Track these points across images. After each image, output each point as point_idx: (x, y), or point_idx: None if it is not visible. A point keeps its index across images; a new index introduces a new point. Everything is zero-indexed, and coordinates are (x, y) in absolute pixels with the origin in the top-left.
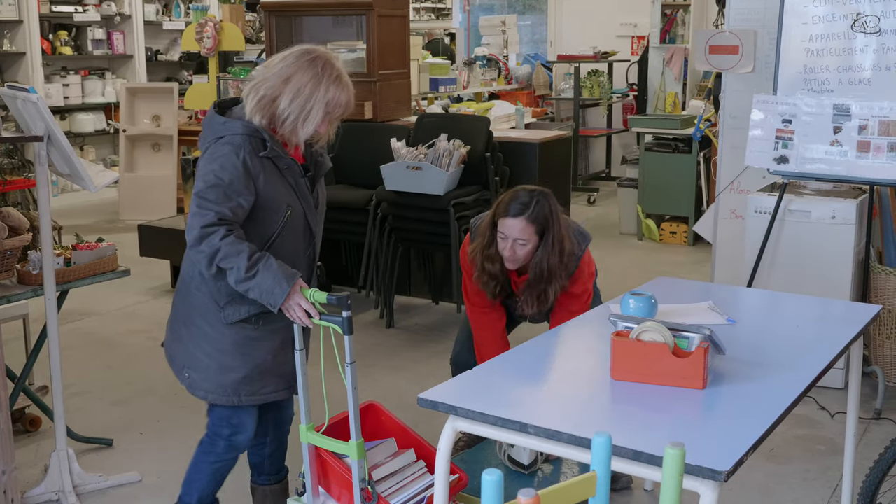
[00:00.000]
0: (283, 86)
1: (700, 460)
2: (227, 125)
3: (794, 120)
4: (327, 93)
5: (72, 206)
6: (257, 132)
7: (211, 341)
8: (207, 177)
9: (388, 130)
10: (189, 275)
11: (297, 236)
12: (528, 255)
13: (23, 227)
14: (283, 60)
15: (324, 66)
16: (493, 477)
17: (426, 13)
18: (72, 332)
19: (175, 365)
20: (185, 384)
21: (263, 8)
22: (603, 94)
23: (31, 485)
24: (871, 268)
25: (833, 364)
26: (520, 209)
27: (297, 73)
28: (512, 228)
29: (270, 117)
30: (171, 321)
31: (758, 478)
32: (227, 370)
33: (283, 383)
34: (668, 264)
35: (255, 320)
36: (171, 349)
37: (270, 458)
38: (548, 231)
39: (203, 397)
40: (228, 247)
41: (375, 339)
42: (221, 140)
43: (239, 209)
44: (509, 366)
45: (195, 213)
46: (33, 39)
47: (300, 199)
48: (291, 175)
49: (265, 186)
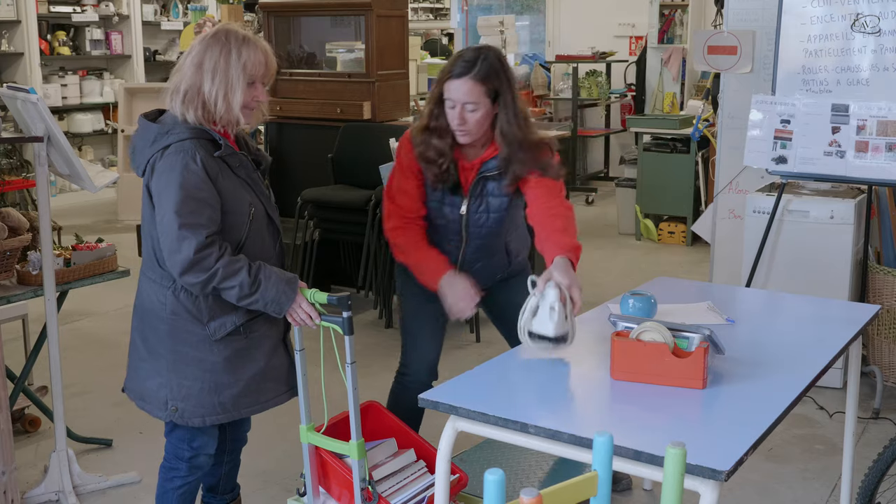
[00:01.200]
0: (199, 72)
1: (700, 460)
2: (171, 133)
3: (792, 120)
4: (240, 57)
5: (71, 207)
6: (204, 132)
7: (199, 364)
8: (173, 193)
9: (386, 130)
10: (157, 303)
11: (263, 234)
12: (479, 122)
13: (22, 228)
14: (188, 54)
15: (227, 36)
16: (495, 476)
17: (424, 13)
18: (71, 332)
19: (151, 403)
20: (173, 418)
21: (262, 8)
22: (601, 95)
23: (31, 485)
24: (870, 268)
25: (832, 364)
26: (465, 67)
27: (205, 54)
28: (458, 91)
29: (202, 108)
30: (135, 360)
31: (757, 477)
32: (222, 388)
33: (282, 387)
34: (667, 264)
35: (242, 330)
36: (143, 388)
37: (226, 478)
38: (501, 92)
39: (200, 423)
40: (226, 268)
41: (374, 339)
42: (169, 150)
43: (216, 216)
44: (510, 366)
45: (180, 237)
46: (31, 40)
47: (258, 195)
48: (245, 171)
49: (225, 189)
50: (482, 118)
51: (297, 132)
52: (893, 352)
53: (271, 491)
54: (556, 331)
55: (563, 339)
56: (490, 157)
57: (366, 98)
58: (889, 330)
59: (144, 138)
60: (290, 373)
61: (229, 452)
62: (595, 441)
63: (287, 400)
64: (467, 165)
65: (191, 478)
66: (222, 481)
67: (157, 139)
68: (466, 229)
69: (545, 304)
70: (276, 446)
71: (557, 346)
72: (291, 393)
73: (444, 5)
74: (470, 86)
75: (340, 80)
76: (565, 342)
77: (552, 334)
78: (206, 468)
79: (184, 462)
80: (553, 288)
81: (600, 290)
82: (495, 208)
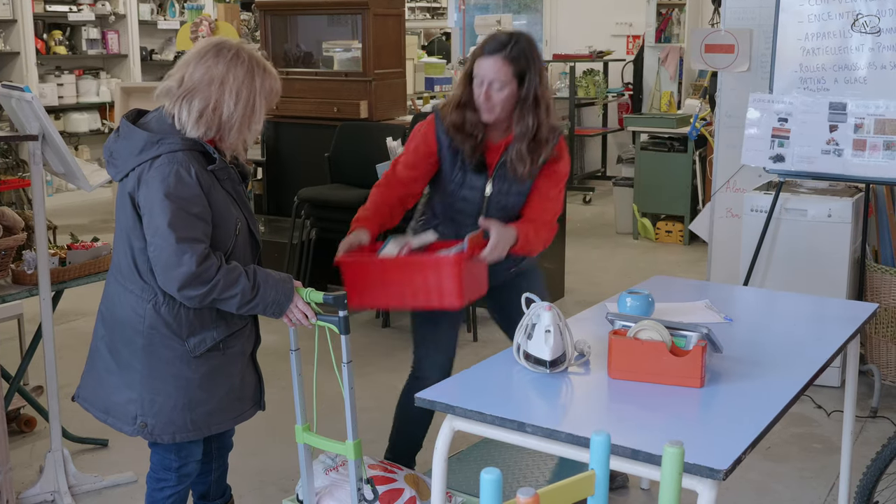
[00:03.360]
0: (220, 91)
1: (698, 459)
2: (162, 143)
3: (790, 118)
4: (263, 85)
5: (66, 206)
6: (197, 144)
7: (174, 380)
8: (168, 207)
9: (383, 130)
10: (135, 316)
11: (245, 249)
12: (504, 102)
13: (17, 227)
14: (201, 62)
15: (250, 59)
16: (491, 476)
17: (421, 12)
18: (67, 332)
19: (117, 416)
20: (140, 434)
21: (258, 7)
22: (598, 94)
23: (27, 485)
24: (868, 266)
25: (830, 362)
26: (497, 46)
27: (228, 73)
28: (488, 69)
29: (216, 128)
30: (100, 370)
31: (754, 476)
32: (195, 405)
33: (249, 403)
34: (664, 263)
35: (221, 346)
36: (108, 401)
37: (217, 483)
38: (527, 74)
39: (170, 440)
40: (226, 277)
41: (371, 338)
42: (159, 161)
43: (208, 230)
44: (507, 365)
45: (179, 252)
46: (27, 39)
47: (242, 208)
48: (231, 184)
49: (216, 202)
50: (507, 98)
51: (293, 131)
52: (891, 350)
53: (267, 491)
54: (552, 354)
55: (559, 363)
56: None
57: (362, 97)
58: (887, 328)
59: (130, 146)
60: (258, 389)
61: (216, 459)
62: (592, 440)
63: (253, 415)
64: (493, 146)
65: (180, 486)
66: (212, 487)
67: (145, 148)
68: (487, 210)
69: (540, 327)
70: (270, 446)
71: (554, 368)
72: (256, 408)
73: (441, 4)
74: (500, 64)
75: (337, 79)
76: (562, 364)
77: (548, 358)
78: (194, 475)
79: (172, 472)
80: (547, 310)
81: (598, 289)
82: (518, 190)
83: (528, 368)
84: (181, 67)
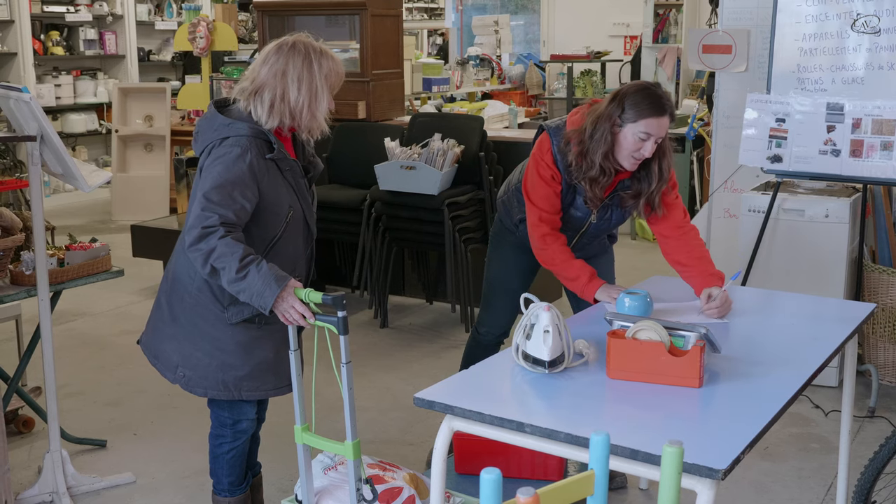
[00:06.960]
0: (284, 81)
1: (697, 458)
2: (232, 126)
3: (787, 119)
4: (321, 67)
5: (64, 207)
6: (262, 134)
7: (212, 341)
8: (214, 178)
9: (381, 130)
10: (187, 276)
11: (297, 237)
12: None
13: (15, 228)
14: (265, 62)
15: (306, 47)
16: (491, 476)
17: (419, 13)
18: (65, 332)
19: (163, 363)
20: (179, 382)
21: (256, 7)
22: (596, 94)
23: (25, 486)
24: (865, 266)
25: (828, 362)
26: (669, 106)
27: (288, 64)
28: (663, 128)
29: (289, 115)
30: (157, 320)
31: (752, 476)
32: (228, 368)
33: (285, 380)
34: (662, 263)
35: (258, 320)
36: (159, 348)
37: (249, 454)
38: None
39: (202, 394)
40: (224, 247)
41: (369, 339)
42: (227, 141)
43: (242, 212)
44: (505, 365)
45: (198, 215)
46: (25, 39)
47: (300, 199)
48: (293, 176)
49: (269, 188)
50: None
51: None
52: (889, 350)
53: (266, 491)
54: (550, 355)
55: (558, 363)
56: (627, 177)
57: (360, 97)
58: (884, 328)
59: (209, 125)
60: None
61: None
62: (591, 440)
63: (288, 392)
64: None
65: (237, 442)
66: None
67: (219, 128)
68: (587, 231)
69: (539, 327)
70: (269, 446)
71: (553, 368)
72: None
73: (439, 5)
74: (668, 122)
75: None
76: (561, 364)
77: (547, 358)
78: (249, 433)
79: (227, 428)
80: (546, 311)
81: None
82: (618, 218)
83: (527, 369)
84: (252, 70)
